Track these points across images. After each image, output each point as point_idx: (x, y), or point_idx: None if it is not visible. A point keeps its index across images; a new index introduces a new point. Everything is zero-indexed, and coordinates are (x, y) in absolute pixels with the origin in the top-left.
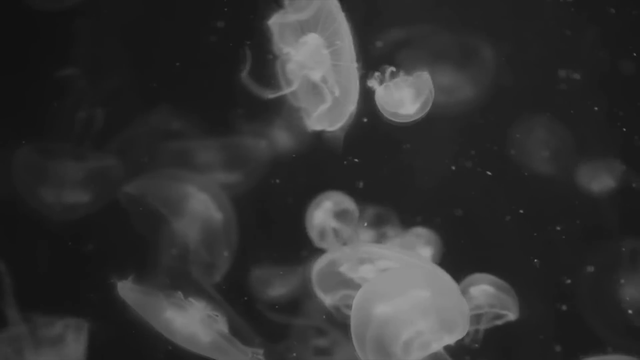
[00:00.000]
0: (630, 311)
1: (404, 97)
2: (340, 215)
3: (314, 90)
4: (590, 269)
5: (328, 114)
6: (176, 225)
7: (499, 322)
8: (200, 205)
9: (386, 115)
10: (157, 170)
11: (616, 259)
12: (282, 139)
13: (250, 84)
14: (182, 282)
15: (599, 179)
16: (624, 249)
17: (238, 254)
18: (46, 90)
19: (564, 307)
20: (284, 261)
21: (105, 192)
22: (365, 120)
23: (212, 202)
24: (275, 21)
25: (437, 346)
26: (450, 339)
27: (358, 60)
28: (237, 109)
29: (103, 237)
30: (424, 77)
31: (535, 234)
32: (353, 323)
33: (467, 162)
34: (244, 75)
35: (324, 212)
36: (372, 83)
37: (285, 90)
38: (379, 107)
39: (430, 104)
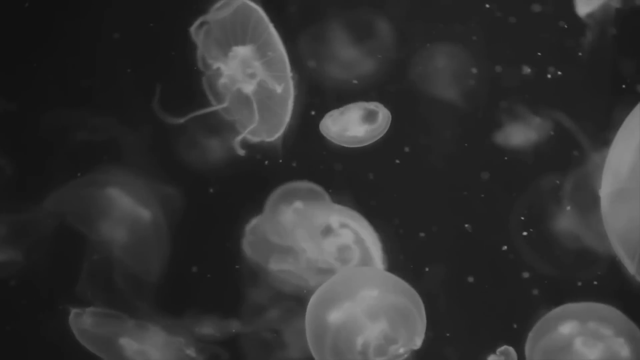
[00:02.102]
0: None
1: (352, 119)
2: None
3: (247, 103)
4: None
5: (265, 125)
6: (102, 230)
7: None
8: (125, 207)
9: (332, 139)
10: (78, 179)
11: (545, 194)
12: (217, 150)
13: (161, 113)
14: (105, 292)
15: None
16: (557, 182)
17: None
18: None
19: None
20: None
21: (35, 243)
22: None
23: (137, 202)
24: (198, 25)
25: (400, 346)
26: (413, 338)
27: (292, 70)
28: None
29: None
30: (384, 112)
31: (465, 193)
32: (309, 335)
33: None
34: (155, 105)
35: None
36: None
37: (214, 107)
38: (323, 132)
39: (384, 131)
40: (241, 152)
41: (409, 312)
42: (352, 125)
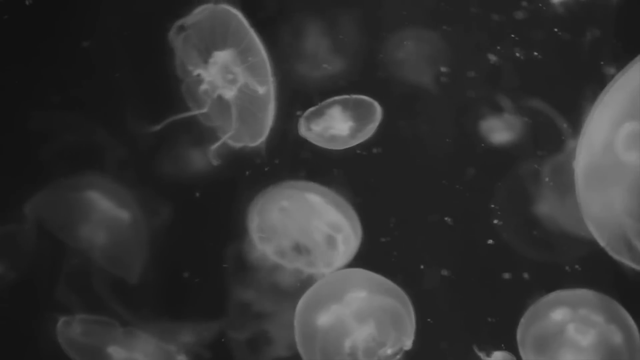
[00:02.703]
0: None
1: (334, 117)
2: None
3: (228, 109)
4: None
5: (247, 130)
6: (82, 234)
7: None
8: (104, 209)
9: (315, 142)
10: (56, 182)
11: (525, 179)
12: (202, 156)
13: (136, 123)
14: (86, 297)
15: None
16: (536, 166)
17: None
18: None
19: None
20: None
21: (20, 257)
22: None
23: (117, 204)
24: (176, 31)
25: (389, 347)
26: (402, 339)
27: (274, 75)
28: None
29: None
30: (374, 106)
31: (444, 182)
32: (298, 337)
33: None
34: (130, 114)
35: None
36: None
37: (193, 113)
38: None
39: (371, 132)
40: (215, 161)
41: (397, 313)
42: (335, 123)
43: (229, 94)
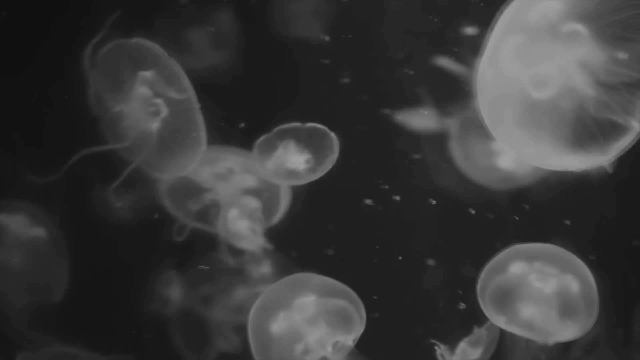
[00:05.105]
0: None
1: (290, 151)
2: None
3: (153, 141)
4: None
5: (175, 160)
6: None
7: None
8: (18, 230)
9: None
10: None
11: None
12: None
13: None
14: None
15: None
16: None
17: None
18: None
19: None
20: None
21: None
22: None
23: (29, 221)
24: (90, 67)
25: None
26: (351, 334)
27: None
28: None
29: None
30: (330, 137)
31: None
32: (254, 347)
33: None
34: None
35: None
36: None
37: (115, 146)
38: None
39: (329, 165)
40: (118, 204)
41: (347, 311)
42: (290, 157)
43: (153, 126)
